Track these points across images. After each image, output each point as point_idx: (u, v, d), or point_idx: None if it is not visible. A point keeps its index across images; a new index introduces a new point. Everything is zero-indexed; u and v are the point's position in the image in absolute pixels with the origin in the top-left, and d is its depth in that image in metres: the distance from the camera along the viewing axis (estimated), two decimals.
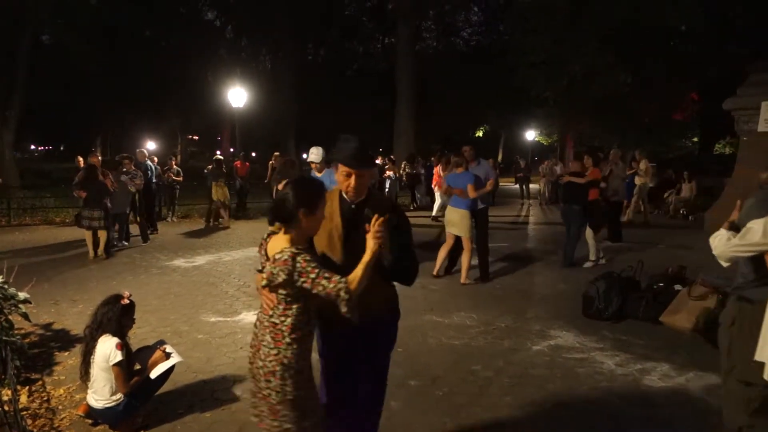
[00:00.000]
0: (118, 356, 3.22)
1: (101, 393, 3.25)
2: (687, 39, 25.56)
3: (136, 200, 10.19)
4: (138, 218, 10.34)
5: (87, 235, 8.63)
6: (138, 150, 11.74)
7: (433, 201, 14.73)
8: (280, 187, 5.99)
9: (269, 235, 2.37)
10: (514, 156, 34.46)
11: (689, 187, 15.35)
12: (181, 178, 13.56)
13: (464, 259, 7.14)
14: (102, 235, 8.64)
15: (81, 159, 11.80)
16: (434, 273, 7.41)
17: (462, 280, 7.13)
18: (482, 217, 7.38)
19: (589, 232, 8.28)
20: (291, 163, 6.35)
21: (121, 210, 9.58)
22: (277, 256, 2.21)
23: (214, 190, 12.53)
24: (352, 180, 2.47)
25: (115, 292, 3.50)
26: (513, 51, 25.11)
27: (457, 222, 7.01)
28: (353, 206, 2.53)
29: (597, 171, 8.34)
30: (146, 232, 10.23)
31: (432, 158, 16.76)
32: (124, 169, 9.83)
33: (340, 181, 2.51)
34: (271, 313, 2.29)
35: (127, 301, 3.41)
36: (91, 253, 8.61)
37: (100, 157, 9.82)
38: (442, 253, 7.40)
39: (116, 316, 3.33)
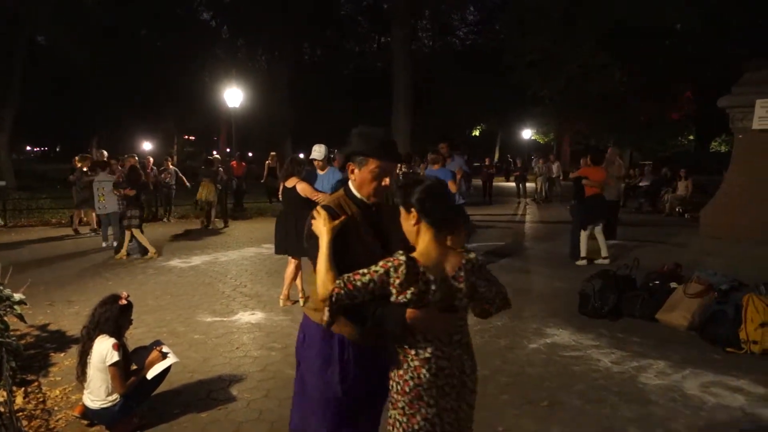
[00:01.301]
0: (115, 357, 3.21)
1: (97, 393, 3.24)
2: (683, 39, 25.66)
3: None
4: None
5: (136, 234, 8.73)
6: (97, 151, 11.69)
7: None
8: (287, 184, 5.90)
9: (408, 254, 1.90)
10: (505, 155, 34.34)
11: (685, 185, 15.40)
12: (186, 181, 13.64)
13: None
14: (137, 233, 8.76)
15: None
16: None
17: None
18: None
19: (582, 230, 8.30)
20: (297, 161, 6.26)
21: (112, 210, 9.58)
22: (468, 266, 1.95)
23: (199, 189, 12.53)
24: (388, 177, 2.16)
25: (113, 293, 3.49)
26: (509, 50, 25.18)
27: None
28: (373, 208, 2.20)
29: (589, 169, 8.32)
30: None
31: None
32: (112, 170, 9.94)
33: (366, 178, 2.14)
34: (458, 337, 1.99)
35: (125, 302, 3.40)
36: (152, 249, 8.80)
37: (136, 157, 9.81)
38: None
39: (114, 317, 3.32)
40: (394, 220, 2.14)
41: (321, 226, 2.03)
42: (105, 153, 11.78)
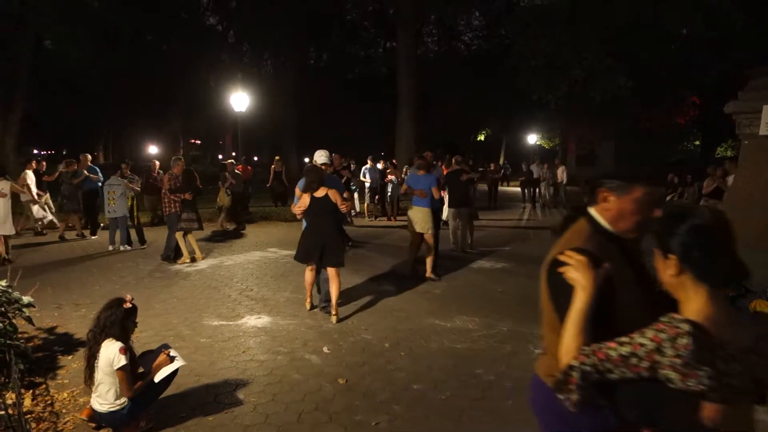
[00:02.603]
0: (122, 361, 3.23)
1: (105, 397, 3.26)
2: (688, 43, 25.65)
3: (134, 204, 10.22)
4: (137, 222, 10.36)
5: (179, 237, 8.74)
6: (81, 155, 11.59)
7: None
8: (318, 194, 5.55)
9: (691, 320, 1.38)
10: (497, 160, 34.21)
11: (692, 191, 15.34)
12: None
13: (428, 255, 7.62)
14: (191, 238, 8.82)
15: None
16: (409, 273, 7.78)
17: (427, 274, 7.57)
18: (437, 217, 7.94)
19: None
20: (319, 170, 5.76)
21: (121, 214, 9.64)
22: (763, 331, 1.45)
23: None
24: (659, 209, 1.73)
25: (117, 296, 3.51)
26: (514, 55, 25.20)
27: (420, 219, 7.51)
28: (629, 245, 1.83)
29: None
30: (143, 235, 10.26)
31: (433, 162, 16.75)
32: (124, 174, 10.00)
33: (628, 209, 1.74)
34: None
35: (130, 305, 3.41)
36: (190, 256, 8.77)
37: (183, 160, 9.86)
38: (412, 253, 7.82)
39: (119, 320, 3.34)
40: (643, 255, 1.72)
41: (579, 275, 1.56)
42: (89, 156, 11.58)
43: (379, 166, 15.72)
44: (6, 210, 8.30)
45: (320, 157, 6.28)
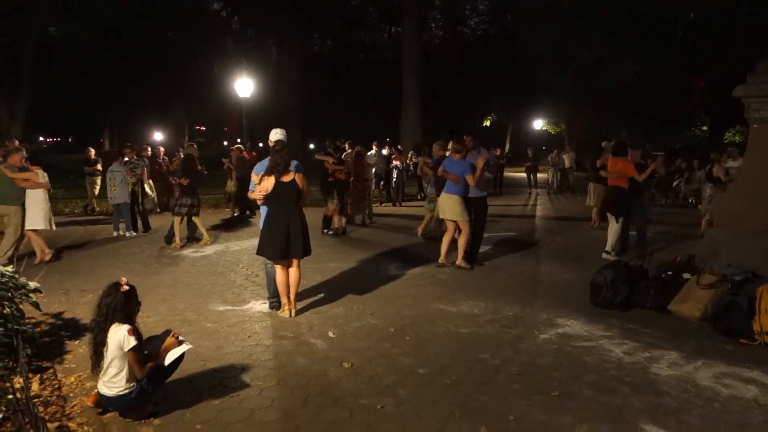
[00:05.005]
0: (132, 341, 3.21)
1: (114, 381, 3.25)
2: (693, 29, 25.34)
3: (137, 190, 10.11)
4: (141, 208, 10.33)
5: (176, 221, 8.77)
6: (7, 142, 10.78)
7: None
8: (284, 179, 5.07)
9: None
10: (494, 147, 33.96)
11: (699, 176, 15.23)
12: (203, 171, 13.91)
13: (461, 242, 7.29)
14: (197, 221, 8.94)
15: (93, 150, 11.89)
16: (440, 261, 7.43)
17: (458, 262, 7.29)
18: (482, 206, 7.55)
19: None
20: (286, 148, 5.17)
21: (122, 200, 9.62)
22: None
23: None
24: None
25: (113, 281, 3.45)
26: (520, 41, 24.99)
27: (449, 207, 7.21)
28: None
29: (610, 160, 8.19)
30: (148, 221, 10.31)
31: None
32: (126, 159, 9.89)
33: None
34: None
35: (127, 287, 3.38)
36: (178, 241, 8.76)
37: (195, 146, 9.78)
38: (446, 241, 7.46)
39: (121, 305, 3.30)
40: None
41: None
42: (16, 142, 10.50)
43: (384, 152, 15.68)
44: (46, 204, 7.59)
45: (275, 134, 5.48)
